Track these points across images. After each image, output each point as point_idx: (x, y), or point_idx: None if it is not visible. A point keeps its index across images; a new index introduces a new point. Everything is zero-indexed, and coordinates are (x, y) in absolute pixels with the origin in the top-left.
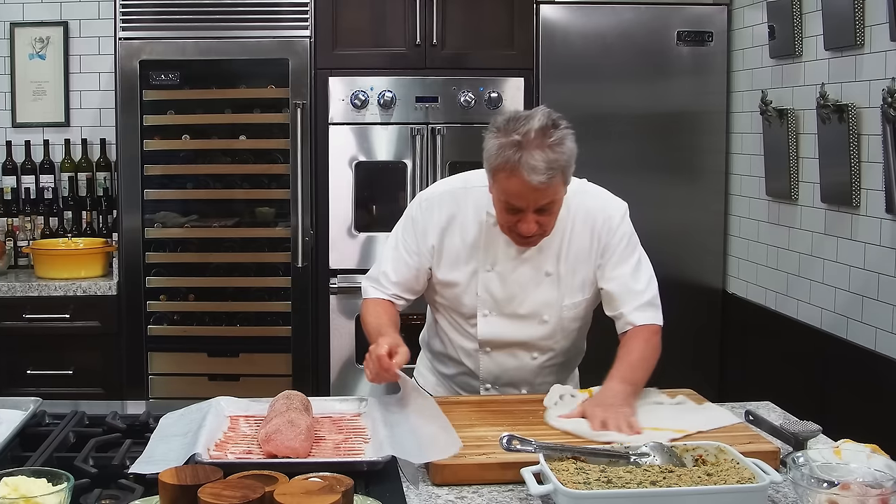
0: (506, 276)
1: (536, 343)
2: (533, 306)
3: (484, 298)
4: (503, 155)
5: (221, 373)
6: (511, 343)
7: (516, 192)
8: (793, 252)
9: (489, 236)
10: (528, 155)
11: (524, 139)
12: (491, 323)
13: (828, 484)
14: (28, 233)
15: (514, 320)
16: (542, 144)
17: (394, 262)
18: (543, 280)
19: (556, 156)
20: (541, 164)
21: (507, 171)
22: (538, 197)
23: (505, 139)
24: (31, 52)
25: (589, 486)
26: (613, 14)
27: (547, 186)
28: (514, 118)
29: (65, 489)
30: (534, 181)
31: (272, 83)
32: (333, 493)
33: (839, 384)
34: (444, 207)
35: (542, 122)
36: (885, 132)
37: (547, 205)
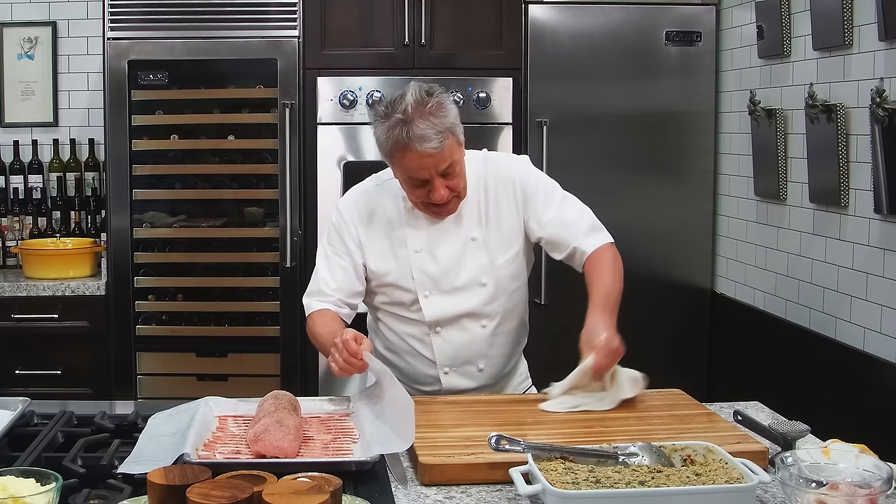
0: (435, 253)
1: (482, 310)
2: (469, 274)
3: (421, 280)
4: (392, 136)
5: (210, 373)
6: (458, 316)
7: (416, 166)
8: (781, 252)
9: (410, 219)
10: (415, 126)
11: (405, 116)
12: (434, 302)
13: (816, 484)
14: (16, 233)
15: (454, 293)
16: (423, 113)
17: (329, 269)
18: (471, 245)
19: (439, 120)
20: (429, 131)
21: (401, 150)
22: (437, 162)
23: (389, 122)
24: (19, 51)
25: (577, 486)
26: (602, 14)
27: (441, 150)
28: (390, 102)
29: (53, 489)
30: (427, 148)
31: (260, 83)
32: (322, 493)
33: (828, 384)
34: (360, 205)
35: (417, 95)
36: (874, 132)
37: (448, 167)
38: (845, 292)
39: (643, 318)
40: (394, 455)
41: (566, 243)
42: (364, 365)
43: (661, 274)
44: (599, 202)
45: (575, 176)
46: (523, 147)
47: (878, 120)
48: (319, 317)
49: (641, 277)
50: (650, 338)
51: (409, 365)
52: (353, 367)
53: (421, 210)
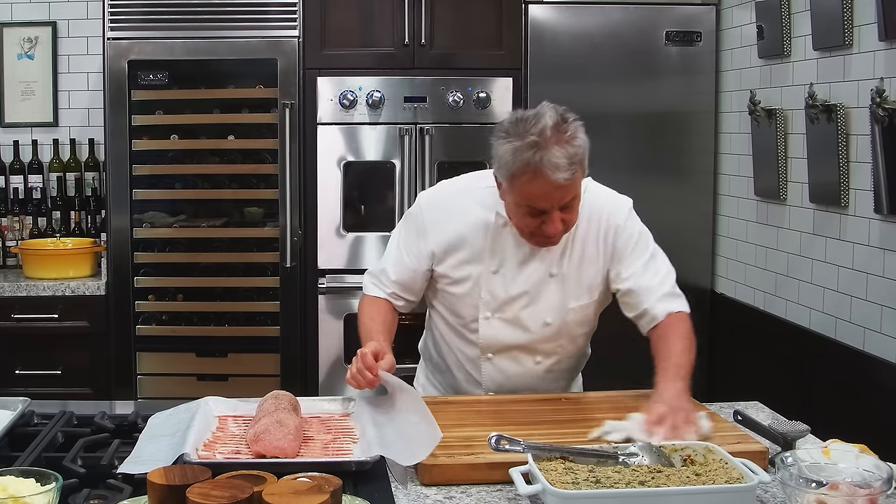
0: (511, 278)
1: (539, 347)
2: (537, 308)
3: (487, 300)
4: (521, 158)
5: (210, 373)
6: (513, 347)
7: (541, 194)
8: (781, 252)
9: (497, 237)
10: (549, 153)
11: (541, 139)
12: (493, 326)
13: (816, 484)
14: (17, 233)
15: (515, 324)
16: (559, 140)
17: (394, 261)
18: (549, 281)
19: (574, 149)
20: (563, 160)
21: (530, 174)
22: (563, 195)
23: (520, 142)
24: (19, 52)
25: (577, 486)
26: (602, 14)
27: (571, 182)
28: (522, 119)
29: (53, 489)
30: (559, 179)
31: (260, 83)
32: (322, 493)
33: (827, 384)
34: (447, 208)
35: (555, 119)
36: (874, 132)
37: (571, 201)
38: (845, 292)
39: None
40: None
41: (640, 304)
42: (374, 381)
43: None
44: None
45: None
46: None
47: (878, 120)
48: (370, 305)
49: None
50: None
51: (455, 378)
52: (364, 380)
53: (524, 237)
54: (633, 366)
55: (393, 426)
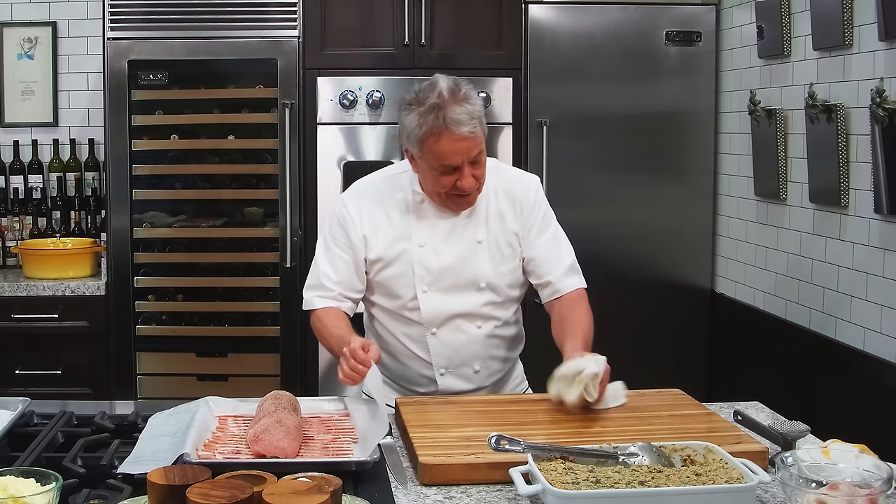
0: (439, 250)
1: (478, 311)
2: (469, 275)
3: (421, 275)
4: (426, 121)
5: (210, 373)
6: (454, 315)
7: (449, 150)
8: (781, 252)
9: (418, 214)
10: (450, 111)
11: (440, 101)
12: (432, 298)
13: (816, 484)
14: (17, 233)
15: (452, 292)
16: (457, 100)
17: (330, 263)
18: (476, 248)
19: (472, 107)
20: (463, 116)
21: (436, 134)
22: (470, 147)
23: (421, 108)
24: (19, 51)
25: (577, 486)
26: (602, 14)
27: (474, 135)
28: (419, 90)
29: (53, 489)
30: (463, 132)
31: (260, 83)
32: (322, 493)
33: (828, 384)
34: (367, 198)
35: (449, 84)
36: (874, 132)
37: (477, 155)
38: (845, 292)
39: (643, 318)
40: (394, 455)
41: (544, 273)
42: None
43: (661, 274)
44: (599, 202)
45: (575, 176)
46: (523, 147)
47: (878, 120)
48: (324, 315)
49: (641, 277)
50: (650, 338)
51: (405, 367)
52: (360, 376)
53: (442, 202)
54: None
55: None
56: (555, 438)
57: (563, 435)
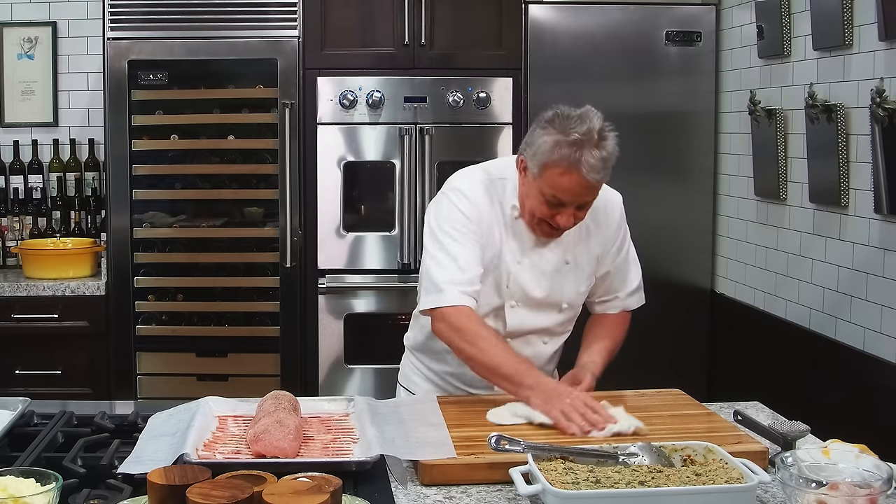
0: (533, 267)
1: (553, 329)
2: (556, 296)
3: (513, 290)
4: (560, 152)
5: (210, 373)
6: (532, 331)
7: (568, 189)
8: (781, 252)
9: (514, 228)
10: (588, 154)
11: (585, 138)
12: (518, 314)
13: (816, 484)
14: (17, 233)
15: (537, 309)
16: (599, 144)
17: (468, 253)
18: (564, 269)
19: (608, 155)
20: (598, 163)
21: (563, 168)
22: (587, 194)
23: (562, 137)
24: (19, 51)
25: (577, 486)
26: (602, 14)
27: (598, 184)
28: (567, 116)
29: (53, 489)
30: (591, 179)
31: (260, 83)
32: (322, 493)
33: (827, 384)
34: (482, 198)
35: (600, 125)
36: (874, 132)
37: (590, 200)
38: (845, 292)
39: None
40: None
41: (614, 289)
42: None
43: (661, 274)
44: None
45: None
46: None
47: (878, 120)
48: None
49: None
50: (650, 338)
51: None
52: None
53: (531, 223)
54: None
55: (394, 425)
56: (555, 438)
57: (562, 435)
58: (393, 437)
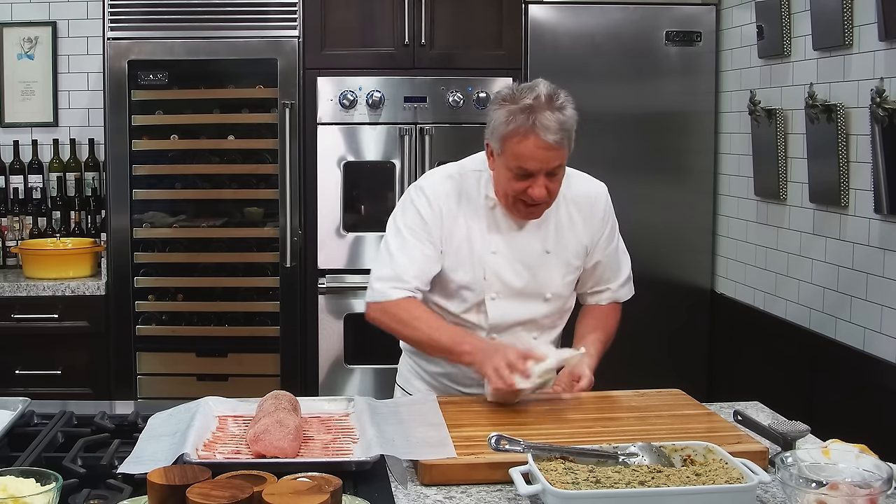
0: (511, 258)
1: (540, 321)
2: (537, 285)
3: (491, 282)
4: (515, 120)
5: (210, 373)
6: (517, 324)
7: (530, 154)
8: (781, 252)
9: (490, 219)
10: (542, 116)
11: (535, 103)
12: (499, 306)
13: (816, 484)
14: (17, 233)
15: (519, 300)
16: (552, 107)
17: (407, 254)
18: (545, 258)
19: (564, 118)
20: (553, 123)
21: (521, 135)
22: (551, 157)
23: (514, 106)
24: (19, 51)
25: (577, 486)
26: (602, 14)
27: (559, 147)
28: (517, 89)
29: (53, 489)
30: (549, 139)
31: (260, 83)
32: (322, 493)
33: (827, 384)
34: (450, 191)
35: (548, 90)
36: (874, 132)
37: (556, 167)
38: (845, 292)
39: (643, 318)
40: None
41: (605, 280)
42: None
43: (661, 274)
44: None
45: None
46: None
47: (878, 120)
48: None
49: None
50: (650, 337)
51: (455, 366)
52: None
53: (508, 206)
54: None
55: (394, 425)
56: (555, 438)
57: (563, 435)
58: (393, 437)
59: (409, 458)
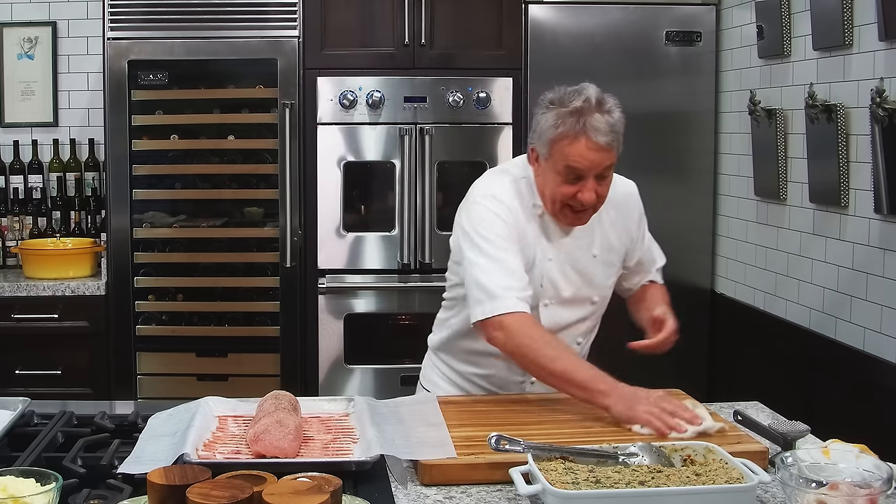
0: (563, 264)
1: (584, 326)
2: (586, 290)
3: (547, 288)
4: (564, 123)
5: (210, 373)
6: (565, 327)
7: (580, 155)
8: (781, 252)
9: (542, 226)
10: (592, 118)
11: (584, 105)
12: (552, 311)
13: (816, 484)
14: (17, 233)
15: (569, 305)
16: (601, 110)
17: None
18: (593, 262)
19: (613, 121)
20: (604, 125)
21: (571, 137)
22: (601, 159)
23: (563, 109)
24: (19, 51)
25: (577, 486)
26: (602, 14)
27: (609, 149)
28: (565, 93)
29: (53, 489)
30: (600, 141)
31: (260, 83)
32: (322, 493)
33: (827, 384)
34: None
35: (597, 94)
36: (874, 132)
37: (606, 170)
38: (845, 292)
39: None
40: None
41: (645, 272)
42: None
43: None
44: None
45: None
46: (523, 148)
47: (878, 120)
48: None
49: None
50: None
51: (496, 371)
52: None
53: (555, 214)
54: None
55: (395, 425)
56: (555, 438)
57: (563, 435)
58: (393, 437)
59: (410, 458)
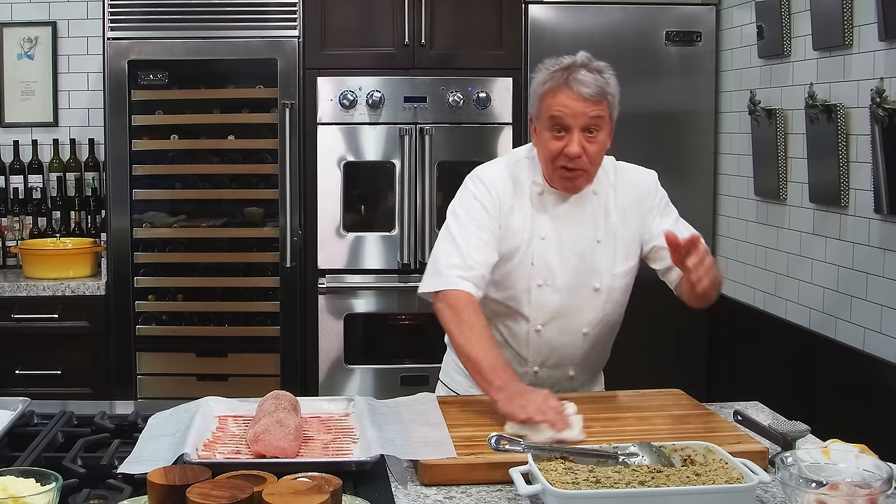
0: (560, 245)
1: (587, 315)
2: (587, 274)
3: (539, 267)
4: (552, 78)
5: (210, 373)
6: (562, 314)
7: (562, 105)
8: (781, 252)
9: (540, 204)
10: (577, 73)
11: (572, 63)
12: (545, 293)
13: (816, 484)
14: (17, 233)
15: (566, 290)
16: (589, 68)
17: (472, 240)
18: (596, 247)
19: (602, 80)
20: (589, 79)
21: (555, 90)
22: (584, 108)
23: (552, 67)
24: (19, 52)
25: (577, 486)
26: (602, 14)
27: (594, 100)
28: (557, 58)
29: (53, 489)
30: (583, 92)
31: (261, 83)
32: (322, 493)
33: (828, 384)
34: (506, 178)
35: (586, 56)
36: (874, 132)
37: (593, 123)
38: (845, 292)
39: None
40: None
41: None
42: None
43: None
44: None
45: None
46: None
47: (878, 120)
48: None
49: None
50: (650, 337)
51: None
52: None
53: (551, 179)
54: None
55: (395, 425)
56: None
57: None
58: (393, 437)
59: (410, 458)
